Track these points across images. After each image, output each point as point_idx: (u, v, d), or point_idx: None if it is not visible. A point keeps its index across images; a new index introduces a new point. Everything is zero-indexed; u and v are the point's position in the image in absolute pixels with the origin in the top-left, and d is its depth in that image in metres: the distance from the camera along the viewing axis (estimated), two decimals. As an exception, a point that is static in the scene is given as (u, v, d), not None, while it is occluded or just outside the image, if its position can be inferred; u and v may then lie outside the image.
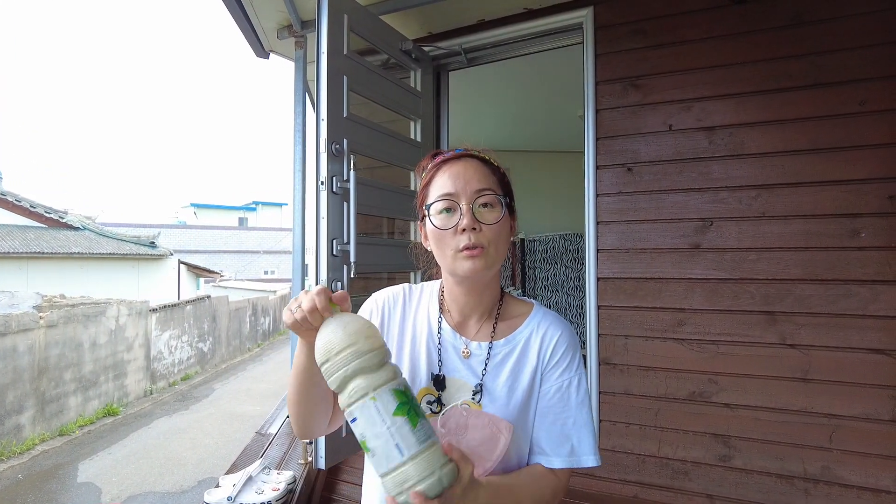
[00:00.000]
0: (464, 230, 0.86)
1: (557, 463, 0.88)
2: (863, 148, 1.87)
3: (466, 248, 0.86)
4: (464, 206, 0.87)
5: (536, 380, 0.91)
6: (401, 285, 1.03)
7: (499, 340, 0.93)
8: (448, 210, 0.89)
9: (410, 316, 0.99)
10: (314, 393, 0.89)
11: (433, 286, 1.02)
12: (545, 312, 0.97)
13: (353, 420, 0.72)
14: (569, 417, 0.90)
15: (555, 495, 0.88)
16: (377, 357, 0.74)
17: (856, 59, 1.89)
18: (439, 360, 0.92)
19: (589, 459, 0.89)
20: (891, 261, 1.82)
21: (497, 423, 0.85)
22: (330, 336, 0.75)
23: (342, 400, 0.74)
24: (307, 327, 0.79)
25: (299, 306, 0.79)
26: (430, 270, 1.02)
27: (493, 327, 0.94)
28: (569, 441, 0.89)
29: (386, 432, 0.70)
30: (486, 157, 0.94)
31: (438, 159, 0.94)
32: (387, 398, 0.71)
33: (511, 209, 0.93)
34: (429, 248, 0.95)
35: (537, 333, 0.93)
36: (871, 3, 1.87)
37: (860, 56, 1.88)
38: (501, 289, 0.99)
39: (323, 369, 0.75)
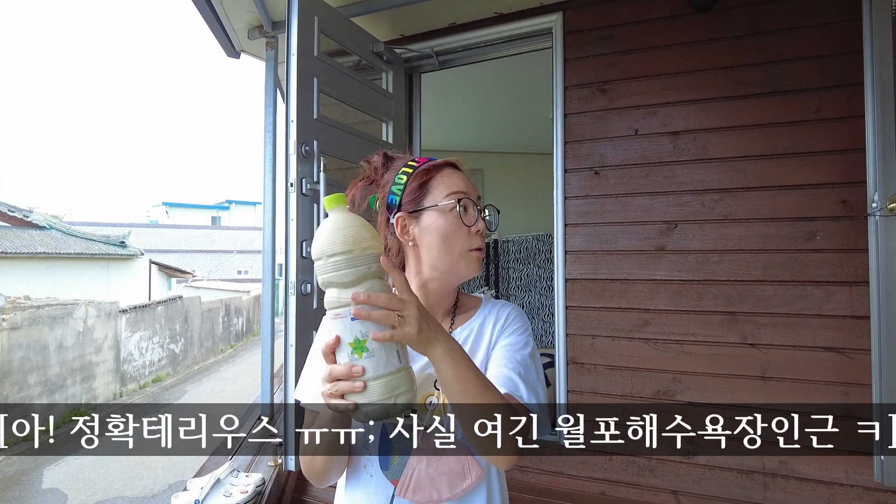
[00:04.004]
0: (478, 231, 0.90)
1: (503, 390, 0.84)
2: (818, 154, 1.94)
3: (478, 248, 0.90)
4: (478, 208, 0.91)
5: (491, 350, 0.92)
6: None
7: (455, 330, 0.95)
8: (464, 209, 0.90)
9: None
10: (343, 443, 0.84)
11: None
12: (495, 300, 1.01)
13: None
14: (510, 363, 0.88)
15: (516, 417, 0.78)
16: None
17: (811, 68, 1.95)
18: None
19: (532, 407, 0.83)
20: (843, 262, 1.90)
21: (471, 464, 0.86)
22: (357, 229, 0.71)
23: (347, 295, 0.69)
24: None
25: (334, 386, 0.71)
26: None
27: (451, 321, 0.97)
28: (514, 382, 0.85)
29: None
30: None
31: (440, 161, 0.94)
32: None
33: None
34: (408, 243, 0.92)
35: (490, 315, 0.96)
36: (824, 15, 1.94)
37: (815, 65, 1.95)
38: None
39: (336, 259, 0.69)
